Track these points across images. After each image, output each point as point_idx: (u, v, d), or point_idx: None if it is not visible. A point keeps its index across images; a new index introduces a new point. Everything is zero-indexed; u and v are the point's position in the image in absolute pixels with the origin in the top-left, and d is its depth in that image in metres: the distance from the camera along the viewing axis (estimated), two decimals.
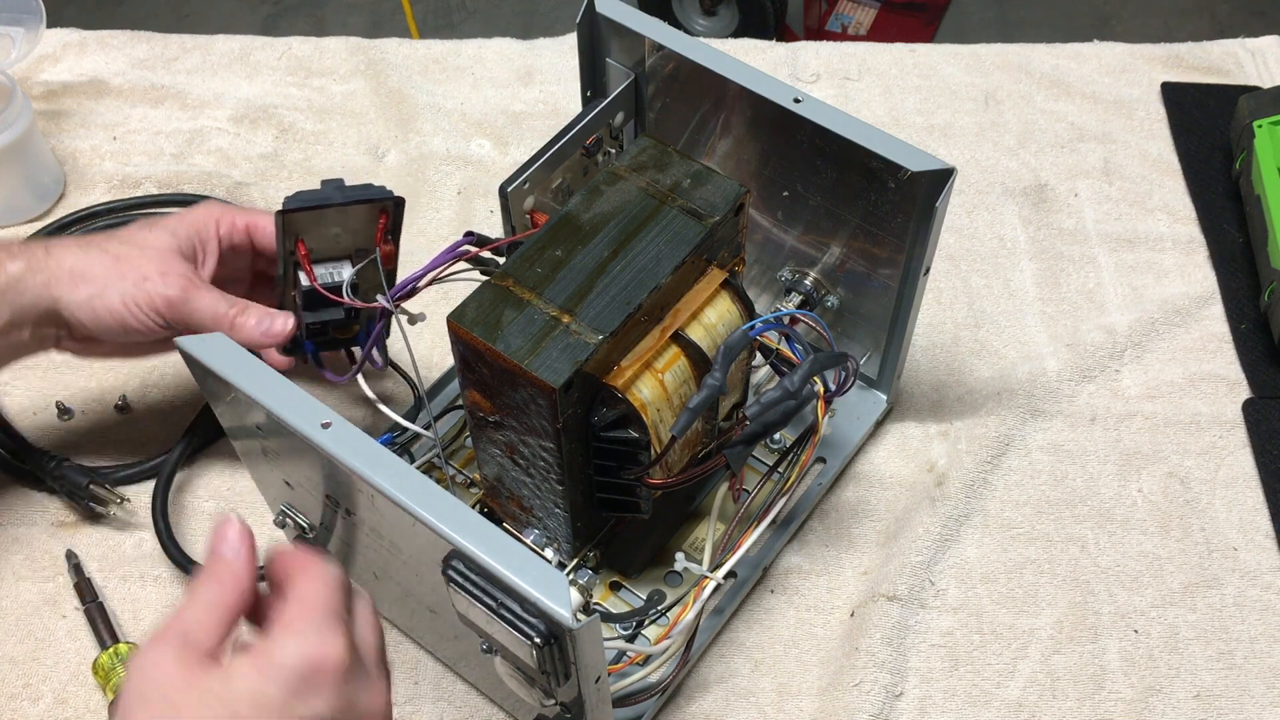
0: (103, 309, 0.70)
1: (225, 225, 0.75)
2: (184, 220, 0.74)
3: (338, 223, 0.71)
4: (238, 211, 0.76)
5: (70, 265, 0.71)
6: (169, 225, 0.73)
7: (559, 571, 0.55)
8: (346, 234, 0.72)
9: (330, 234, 0.71)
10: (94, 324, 0.71)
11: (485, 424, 0.67)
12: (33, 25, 1.03)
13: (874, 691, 0.74)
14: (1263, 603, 0.79)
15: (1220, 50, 1.13)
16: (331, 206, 0.70)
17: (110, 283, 0.70)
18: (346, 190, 0.71)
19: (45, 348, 0.74)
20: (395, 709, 0.74)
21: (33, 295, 0.70)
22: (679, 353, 0.66)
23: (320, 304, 0.72)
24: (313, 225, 0.70)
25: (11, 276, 0.70)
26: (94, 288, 0.70)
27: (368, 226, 0.71)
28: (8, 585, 0.79)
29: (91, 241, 0.72)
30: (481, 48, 1.13)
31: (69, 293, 0.70)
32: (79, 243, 0.72)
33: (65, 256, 0.71)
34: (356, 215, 0.71)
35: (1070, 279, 0.96)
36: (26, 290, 0.70)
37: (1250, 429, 0.87)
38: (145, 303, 0.70)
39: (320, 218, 0.70)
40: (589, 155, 0.79)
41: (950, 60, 1.12)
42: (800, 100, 0.72)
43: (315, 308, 0.73)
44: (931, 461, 0.85)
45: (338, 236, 0.72)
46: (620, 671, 0.69)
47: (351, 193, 0.71)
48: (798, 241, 0.81)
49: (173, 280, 0.71)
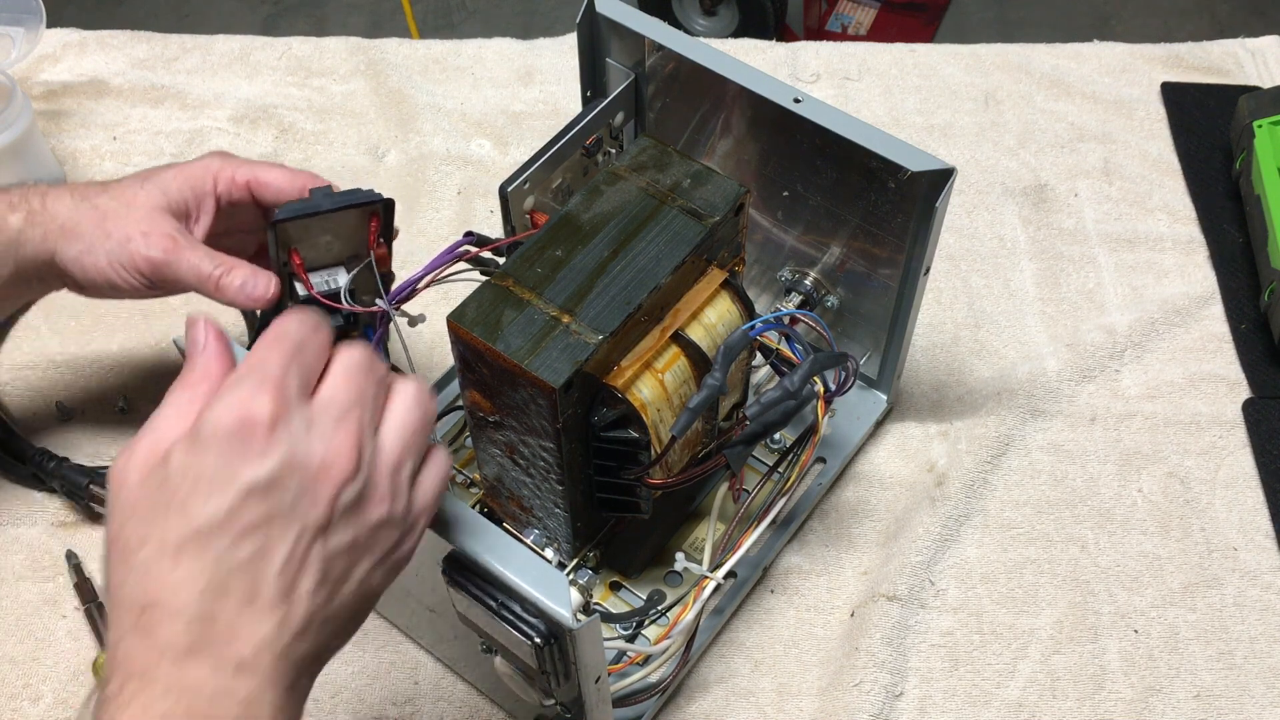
0: (91, 267, 0.69)
1: (224, 181, 0.71)
2: (180, 175, 0.71)
3: (329, 230, 0.70)
4: (239, 165, 0.72)
5: (63, 220, 0.70)
6: (162, 181, 0.71)
7: (559, 571, 0.55)
8: (339, 240, 0.71)
9: (323, 242, 0.71)
10: (84, 280, 0.70)
11: (485, 424, 0.67)
12: (33, 25, 1.03)
13: (874, 691, 0.74)
14: (1263, 603, 0.79)
15: (1220, 50, 1.13)
16: (321, 214, 0.69)
17: (96, 241, 0.69)
18: (335, 196, 0.70)
19: (53, 289, 0.74)
20: (395, 708, 0.74)
21: (32, 248, 0.70)
22: (679, 353, 0.66)
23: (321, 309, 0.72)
24: (305, 234, 0.70)
25: (13, 229, 0.69)
26: (83, 244, 0.69)
27: (360, 231, 0.71)
28: (8, 585, 0.79)
29: (85, 193, 0.71)
30: (481, 48, 1.14)
31: (62, 247, 0.69)
32: (72, 193, 0.71)
33: (59, 209, 0.70)
34: (347, 221, 0.71)
35: (1070, 279, 0.96)
36: (27, 243, 0.70)
37: (1250, 429, 0.87)
38: (129, 263, 0.69)
39: (311, 226, 0.69)
40: (589, 155, 0.79)
41: (950, 60, 1.12)
42: (800, 100, 0.72)
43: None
44: (931, 461, 0.85)
45: (330, 244, 0.71)
46: (620, 671, 0.69)
47: (340, 198, 0.70)
48: (798, 241, 0.81)
49: (155, 241, 0.69)
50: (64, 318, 0.92)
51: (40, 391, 0.88)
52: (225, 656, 0.45)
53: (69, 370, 0.89)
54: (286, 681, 0.46)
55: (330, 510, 0.47)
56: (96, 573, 0.79)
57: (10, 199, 0.70)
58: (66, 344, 0.91)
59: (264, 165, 0.72)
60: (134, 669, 0.44)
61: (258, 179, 0.71)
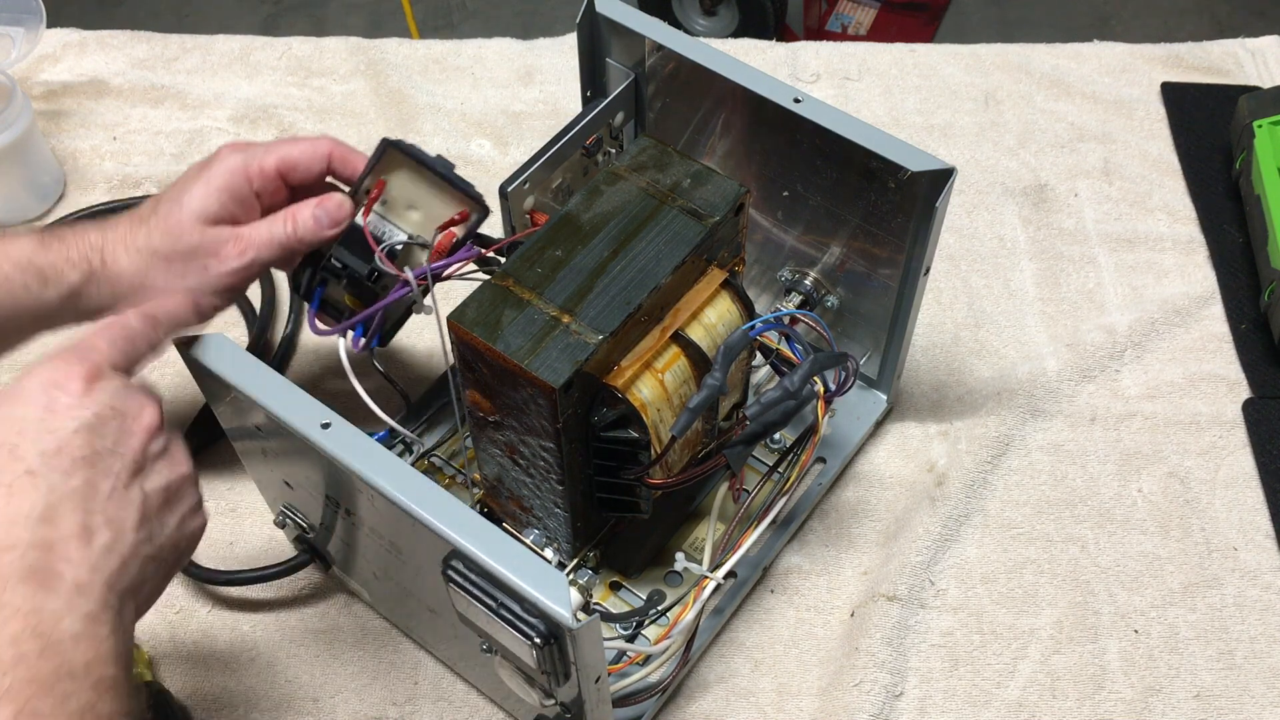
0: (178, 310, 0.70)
1: (256, 177, 0.71)
2: (211, 185, 0.70)
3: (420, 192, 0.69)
4: (261, 154, 0.71)
5: (130, 278, 0.69)
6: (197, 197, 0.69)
7: (559, 571, 0.55)
8: (420, 212, 0.71)
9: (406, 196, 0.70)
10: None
11: (485, 424, 0.67)
12: (33, 25, 1.03)
13: (874, 691, 0.74)
14: (1263, 603, 0.79)
15: (1220, 50, 1.13)
16: (428, 169, 0.69)
17: (172, 283, 0.69)
18: (451, 174, 0.70)
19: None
20: (395, 708, 0.74)
21: (96, 303, 0.69)
22: (679, 353, 0.66)
23: (357, 248, 0.71)
24: (403, 176, 0.69)
25: (73, 287, 0.68)
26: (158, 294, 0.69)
27: (441, 215, 0.70)
28: None
29: (133, 241, 0.69)
30: (481, 48, 1.13)
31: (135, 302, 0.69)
32: (124, 245, 0.69)
33: (120, 266, 0.69)
34: (440, 197, 0.70)
35: (1070, 279, 0.96)
36: (90, 299, 0.69)
37: (1250, 429, 0.87)
38: (217, 288, 0.70)
39: (414, 174, 0.69)
40: (589, 155, 0.79)
41: (950, 60, 1.12)
42: (800, 100, 0.72)
43: (350, 249, 0.71)
44: (931, 461, 0.85)
45: (410, 205, 0.70)
46: (620, 671, 0.69)
47: (454, 177, 0.70)
48: (798, 241, 0.81)
49: (228, 252, 0.69)
50: None
51: None
52: (63, 579, 0.50)
53: None
54: (116, 606, 0.51)
55: (144, 452, 0.55)
56: None
57: (69, 254, 0.69)
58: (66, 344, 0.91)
59: (282, 144, 0.72)
60: None
61: (285, 161, 0.71)
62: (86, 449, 0.53)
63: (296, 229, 0.70)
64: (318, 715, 0.74)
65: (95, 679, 0.49)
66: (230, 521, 0.82)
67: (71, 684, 0.48)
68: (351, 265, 0.71)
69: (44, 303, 0.68)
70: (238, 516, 0.82)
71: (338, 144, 0.72)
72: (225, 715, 0.74)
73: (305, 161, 0.71)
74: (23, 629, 0.48)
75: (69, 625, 0.49)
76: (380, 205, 0.71)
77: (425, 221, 0.71)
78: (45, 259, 0.68)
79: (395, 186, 0.70)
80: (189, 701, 0.74)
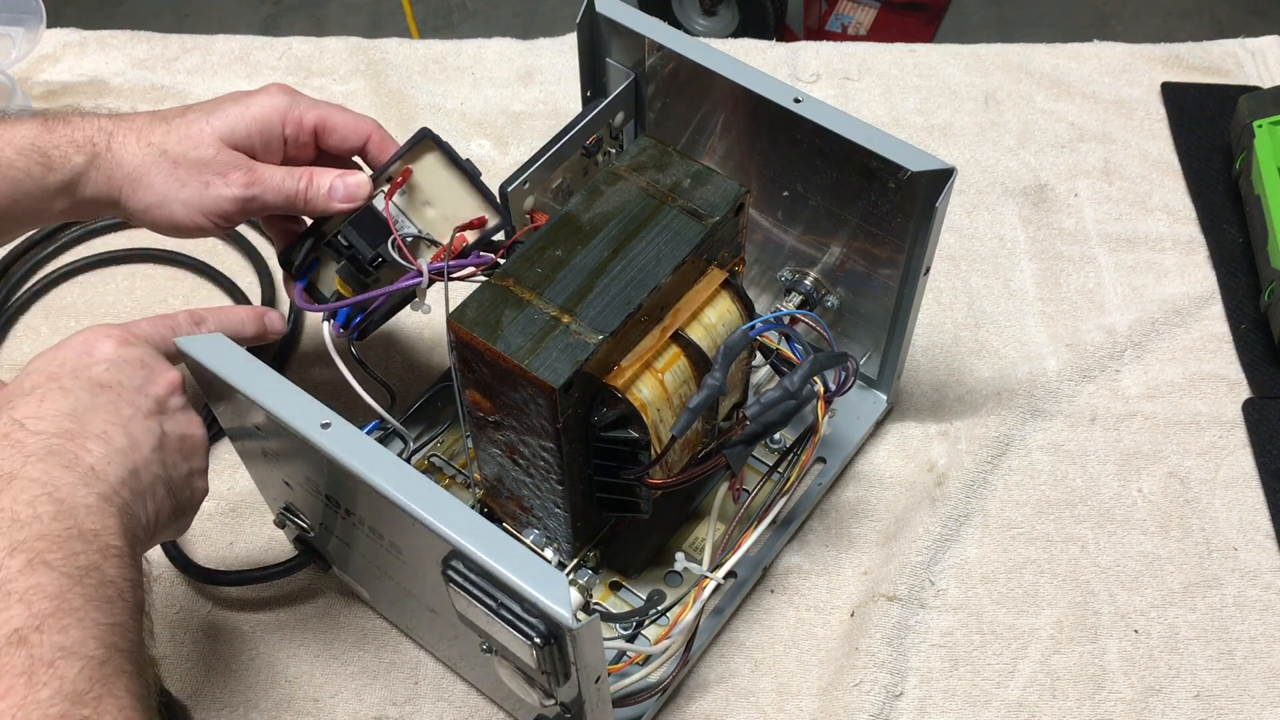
0: (163, 219, 0.70)
1: (291, 124, 0.70)
2: (247, 113, 0.70)
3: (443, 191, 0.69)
4: (307, 106, 0.71)
5: (130, 168, 0.69)
6: (229, 117, 0.69)
7: (559, 571, 0.55)
8: (437, 210, 0.70)
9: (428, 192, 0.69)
10: (152, 228, 0.71)
11: (485, 424, 0.67)
12: (33, 25, 1.03)
13: (874, 691, 0.74)
14: (1263, 603, 0.79)
15: (1220, 50, 1.13)
16: (458, 169, 0.69)
17: (171, 191, 0.69)
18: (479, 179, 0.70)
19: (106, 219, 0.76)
20: (395, 708, 0.74)
21: (93, 190, 0.69)
22: (679, 353, 0.66)
23: (367, 231, 0.70)
24: (430, 170, 0.68)
25: (76, 170, 0.69)
26: (153, 197, 0.69)
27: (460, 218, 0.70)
28: None
29: (149, 135, 0.69)
30: (481, 48, 1.13)
31: (129, 197, 0.69)
32: (138, 137, 0.69)
33: (125, 155, 0.69)
34: (464, 200, 0.69)
35: (1070, 279, 0.96)
36: (89, 184, 0.69)
37: (1250, 429, 0.87)
38: (212, 209, 0.69)
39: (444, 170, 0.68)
40: (589, 155, 0.79)
41: (950, 60, 1.12)
42: (800, 100, 0.72)
43: (361, 230, 0.70)
44: (931, 461, 0.85)
45: (428, 204, 0.70)
46: (620, 671, 0.69)
47: (481, 183, 0.70)
48: (798, 241, 0.81)
49: (235, 177, 0.68)
50: (64, 318, 0.92)
51: None
52: (81, 462, 0.54)
53: None
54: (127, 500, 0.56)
55: (165, 401, 0.60)
56: None
57: (76, 140, 0.69)
58: None
59: (330, 107, 0.72)
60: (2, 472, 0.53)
61: (325, 123, 0.71)
62: (113, 380, 0.59)
63: (310, 189, 0.69)
64: (318, 715, 0.74)
65: (102, 545, 0.53)
66: (230, 521, 0.82)
67: (80, 544, 0.52)
68: (358, 247, 0.70)
69: (45, 188, 0.68)
70: (238, 516, 0.82)
71: (379, 129, 0.72)
72: (225, 715, 0.74)
73: (344, 131, 0.71)
74: (40, 494, 0.52)
75: (82, 497, 0.53)
76: (400, 195, 0.71)
77: (440, 220, 0.71)
78: (49, 140, 0.68)
79: (420, 178, 0.69)
80: (189, 701, 0.74)
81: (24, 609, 0.48)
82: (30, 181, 0.68)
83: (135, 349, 0.61)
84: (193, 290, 0.94)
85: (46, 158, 0.68)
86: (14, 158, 0.67)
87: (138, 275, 0.95)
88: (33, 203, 0.69)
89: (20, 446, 0.54)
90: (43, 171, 0.68)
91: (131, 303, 0.93)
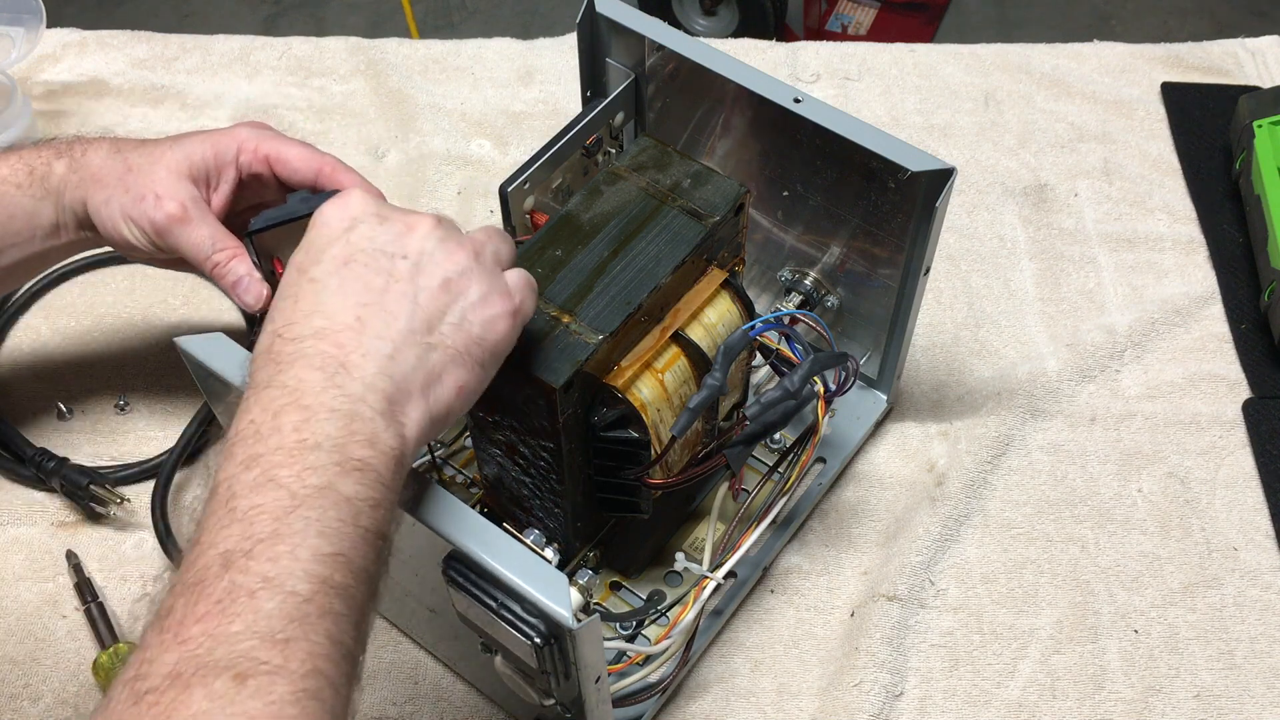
0: (108, 218, 0.69)
1: (247, 152, 0.70)
2: (206, 141, 0.70)
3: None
4: (265, 138, 0.71)
5: (94, 169, 0.70)
6: (189, 145, 0.70)
7: (559, 571, 0.55)
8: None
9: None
10: (103, 231, 0.70)
11: (485, 424, 0.67)
12: (33, 25, 1.03)
13: (874, 691, 0.74)
14: (1263, 603, 0.79)
15: (1220, 50, 1.13)
16: (297, 220, 0.67)
17: (116, 194, 0.69)
18: (312, 200, 0.68)
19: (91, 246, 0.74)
20: (395, 708, 0.74)
21: (70, 195, 0.70)
22: (679, 353, 0.66)
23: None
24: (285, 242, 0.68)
25: (58, 176, 0.70)
26: (104, 195, 0.69)
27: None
28: (8, 585, 0.79)
29: (120, 147, 0.71)
30: (481, 48, 1.13)
31: (90, 194, 0.69)
32: (110, 146, 0.71)
33: (94, 159, 0.70)
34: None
35: (1070, 279, 0.96)
36: (67, 189, 0.70)
37: (1250, 429, 0.87)
38: (138, 221, 0.69)
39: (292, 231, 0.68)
40: (589, 155, 0.79)
41: (950, 60, 1.12)
42: (800, 100, 0.72)
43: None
44: (931, 461, 0.85)
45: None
46: (620, 671, 0.69)
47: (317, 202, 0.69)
48: (798, 241, 0.81)
49: (166, 205, 0.68)
50: (64, 318, 0.92)
51: (40, 391, 0.88)
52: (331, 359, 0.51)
53: (69, 370, 0.89)
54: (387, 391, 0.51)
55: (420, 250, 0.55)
56: (96, 572, 0.79)
57: (58, 147, 0.71)
58: (66, 344, 0.91)
59: (288, 142, 0.72)
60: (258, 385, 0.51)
61: (277, 154, 0.71)
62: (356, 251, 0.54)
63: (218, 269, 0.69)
64: None
65: (343, 458, 0.49)
66: None
67: (318, 457, 0.48)
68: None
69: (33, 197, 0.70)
70: None
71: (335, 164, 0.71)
72: None
73: (296, 164, 0.71)
74: (287, 403, 0.49)
75: (329, 400, 0.49)
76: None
77: None
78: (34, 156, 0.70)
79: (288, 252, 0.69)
80: None
81: (241, 530, 0.46)
82: (19, 193, 0.69)
83: (369, 204, 0.56)
84: (193, 291, 0.94)
85: (30, 168, 0.69)
86: (5, 173, 0.69)
87: (138, 275, 0.95)
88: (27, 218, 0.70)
89: (278, 359, 0.51)
90: (28, 181, 0.69)
91: (131, 303, 0.93)
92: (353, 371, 0.51)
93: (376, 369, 0.51)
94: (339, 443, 0.49)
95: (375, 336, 0.52)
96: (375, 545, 0.49)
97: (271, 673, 0.43)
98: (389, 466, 0.50)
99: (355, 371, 0.51)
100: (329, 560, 0.47)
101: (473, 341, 0.55)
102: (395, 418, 0.51)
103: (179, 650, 0.43)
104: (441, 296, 0.54)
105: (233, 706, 0.42)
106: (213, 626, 0.44)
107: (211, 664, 0.43)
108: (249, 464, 0.48)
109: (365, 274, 0.53)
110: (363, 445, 0.49)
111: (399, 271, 0.54)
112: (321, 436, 0.49)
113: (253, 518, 0.46)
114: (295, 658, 0.44)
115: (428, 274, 0.54)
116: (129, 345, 0.91)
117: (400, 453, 0.51)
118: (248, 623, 0.44)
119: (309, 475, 0.48)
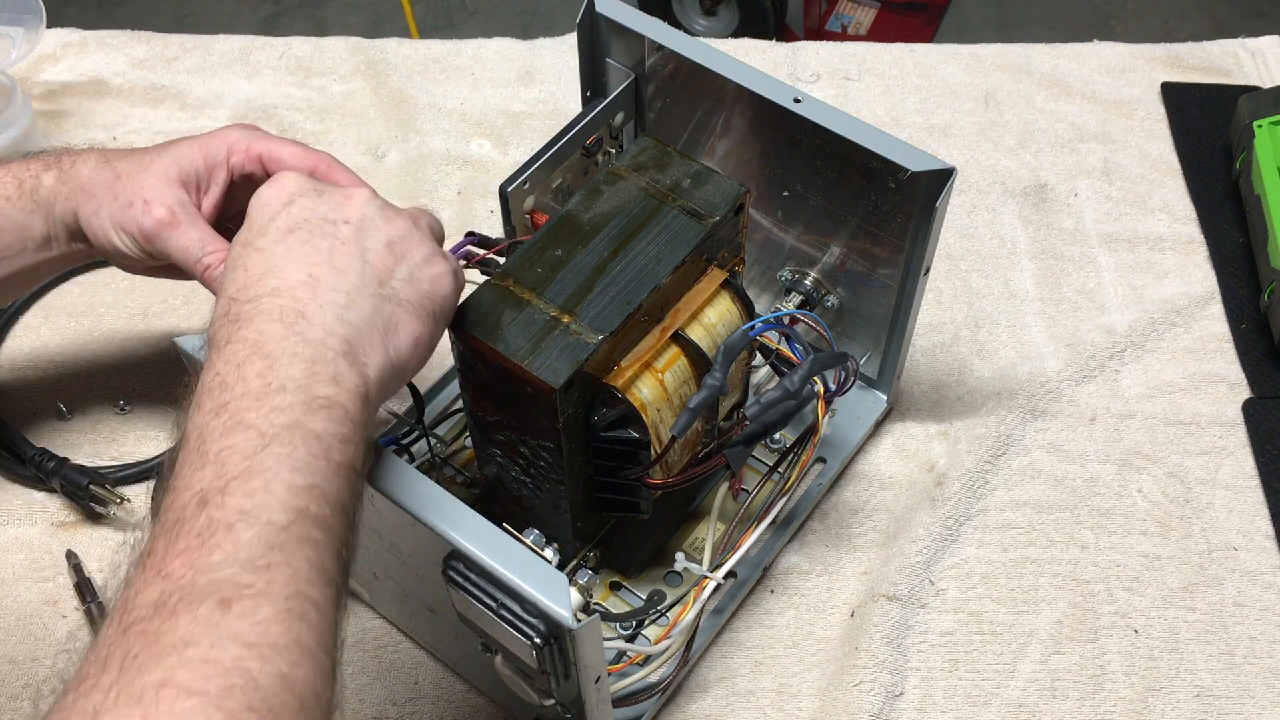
0: (98, 228, 0.69)
1: (238, 153, 0.70)
2: (196, 145, 0.70)
3: None
4: (257, 139, 0.70)
5: (84, 179, 0.69)
6: (178, 149, 0.70)
7: (559, 571, 0.55)
8: None
9: None
10: (93, 241, 0.70)
11: (485, 424, 0.67)
12: (33, 25, 1.03)
13: (874, 691, 0.74)
14: (1263, 603, 0.79)
15: (1220, 50, 1.13)
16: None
17: (104, 202, 0.68)
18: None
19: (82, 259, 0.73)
20: (395, 708, 0.74)
21: (60, 206, 0.70)
22: (679, 353, 0.66)
23: None
24: None
25: (48, 188, 0.69)
26: (94, 203, 0.69)
27: None
28: (8, 585, 0.79)
29: (109, 156, 0.70)
30: (481, 48, 1.13)
31: (80, 205, 0.69)
32: (98, 156, 0.71)
33: (83, 169, 0.70)
34: None
35: (1070, 279, 0.96)
36: (57, 201, 0.70)
37: (1250, 429, 0.87)
38: (127, 228, 0.68)
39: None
40: (589, 155, 0.79)
41: (950, 60, 1.12)
42: (800, 100, 0.72)
43: None
44: (931, 461, 0.85)
45: None
46: (620, 671, 0.69)
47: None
48: (798, 241, 0.81)
49: (154, 210, 0.67)
50: (64, 318, 0.92)
51: (40, 391, 0.88)
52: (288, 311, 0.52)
53: (69, 370, 0.89)
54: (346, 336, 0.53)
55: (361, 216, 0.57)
56: (96, 573, 0.79)
57: (46, 159, 0.71)
58: (66, 344, 0.91)
59: (281, 142, 0.71)
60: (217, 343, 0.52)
61: (270, 154, 0.70)
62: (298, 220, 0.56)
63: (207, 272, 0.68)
64: None
65: (309, 397, 0.50)
66: None
67: (283, 398, 0.49)
68: None
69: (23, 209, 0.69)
70: None
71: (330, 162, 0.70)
72: None
73: (291, 162, 0.70)
74: (250, 354, 0.51)
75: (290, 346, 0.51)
76: None
77: None
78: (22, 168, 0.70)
79: None
80: None
81: (214, 471, 0.47)
82: (9, 206, 0.69)
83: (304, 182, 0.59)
84: (193, 291, 0.94)
85: (19, 180, 0.69)
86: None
87: (137, 276, 0.94)
88: (17, 231, 0.70)
89: (235, 319, 0.52)
90: (18, 194, 0.69)
91: (131, 303, 0.93)
92: (312, 319, 0.52)
93: (335, 316, 0.53)
94: (303, 384, 0.50)
95: (330, 289, 0.54)
96: (349, 478, 0.50)
97: (255, 595, 0.44)
98: (355, 403, 0.52)
99: (314, 319, 0.52)
100: (303, 492, 0.48)
101: (424, 296, 0.57)
102: (357, 358, 0.53)
103: (162, 584, 0.44)
104: (388, 256, 0.57)
105: (219, 629, 0.43)
106: (194, 559, 0.45)
107: (195, 592, 0.44)
108: (217, 411, 0.49)
109: (311, 239, 0.56)
110: (327, 384, 0.51)
111: (343, 234, 0.56)
112: (286, 379, 0.50)
113: (225, 458, 0.47)
114: (277, 581, 0.45)
115: (372, 237, 0.57)
116: (129, 345, 0.91)
117: (365, 390, 0.53)
118: (228, 552, 0.45)
119: (277, 415, 0.49)
